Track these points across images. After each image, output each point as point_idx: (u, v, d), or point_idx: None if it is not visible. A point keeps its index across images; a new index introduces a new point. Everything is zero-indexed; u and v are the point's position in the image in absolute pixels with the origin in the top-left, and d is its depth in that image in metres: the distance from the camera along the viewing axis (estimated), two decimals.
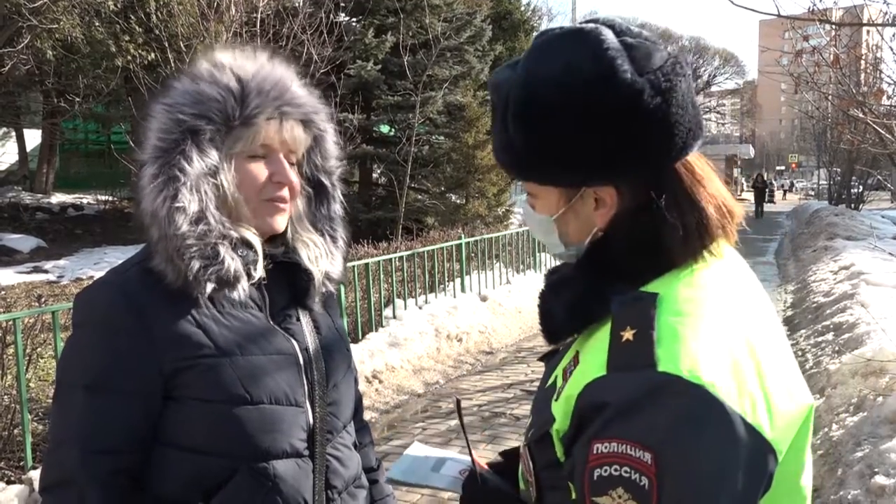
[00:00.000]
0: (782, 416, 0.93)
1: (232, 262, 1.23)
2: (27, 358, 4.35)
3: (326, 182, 1.43)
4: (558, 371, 1.07)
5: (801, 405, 0.97)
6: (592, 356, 0.97)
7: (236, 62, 1.30)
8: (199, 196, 1.22)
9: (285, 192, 1.31)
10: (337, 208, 1.45)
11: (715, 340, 0.93)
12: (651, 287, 0.99)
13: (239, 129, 1.26)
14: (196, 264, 1.20)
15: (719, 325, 0.95)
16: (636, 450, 0.87)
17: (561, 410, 0.98)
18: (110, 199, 17.69)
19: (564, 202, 1.07)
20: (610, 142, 0.98)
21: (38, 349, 4.89)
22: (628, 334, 0.94)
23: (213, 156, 1.25)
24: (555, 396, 1.01)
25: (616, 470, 0.87)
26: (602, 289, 1.02)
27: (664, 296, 0.97)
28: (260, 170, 1.29)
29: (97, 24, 12.95)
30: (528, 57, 1.03)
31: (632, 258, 1.02)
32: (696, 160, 1.06)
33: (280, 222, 1.32)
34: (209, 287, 1.21)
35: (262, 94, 1.27)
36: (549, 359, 1.21)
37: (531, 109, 1.00)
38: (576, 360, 1.02)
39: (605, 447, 0.89)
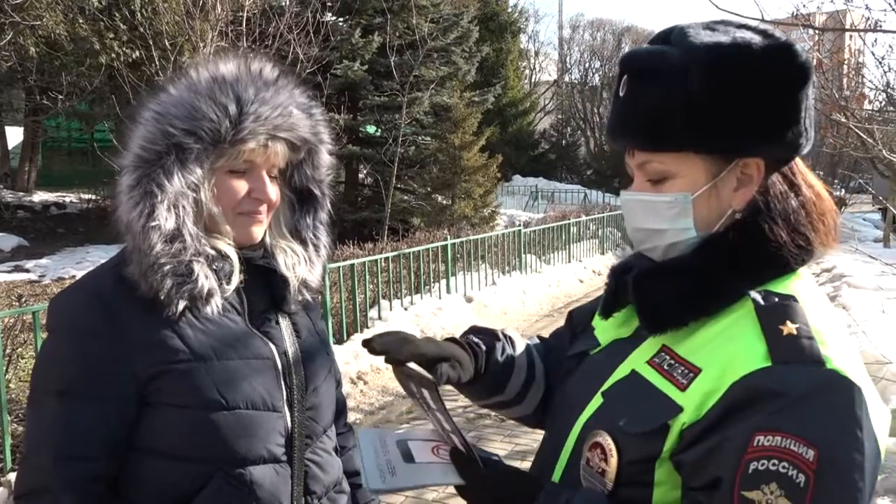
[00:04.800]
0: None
1: (206, 280, 1.21)
2: (7, 359, 4.31)
3: (316, 191, 1.40)
4: (637, 365, 1.05)
5: None
6: (738, 348, 0.95)
7: (240, 80, 1.25)
8: (176, 213, 1.19)
9: (262, 207, 1.29)
10: (323, 217, 1.43)
11: (849, 345, 0.97)
12: (772, 287, 1.01)
13: (226, 148, 1.23)
14: (168, 283, 1.18)
15: (844, 330, 1.00)
16: (800, 446, 0.86)
17: (695, 402, 0.94)
18: (93, 197, 17.53)
19: (710, 177, 1.03)
20: (781, 107, 1.01)
21: (19, 350, 4.84)
22: (790, 329, 0.94)
23: (196, 173, 1.22)
24: (677, 387, 0.97)
25: (774, 465, 0.86)
26: (729, 282, 1.01)
27: (797, 297, 0.99)
28: (240, 185, 1.26)
29: (81, 21, 12.82)
30: (697, 35, 1.04)
31: (769, 249, 1.01)
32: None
33: (256, 233, 1.30)
34: (181, 304, 1.19)
35: (258, 121, 1.23)
36: (580, 356, 1.20)
37: (724, 67, 1.00)
38: (671, 354, 1.01)
39: (769, 440, 0.87)
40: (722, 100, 0.99)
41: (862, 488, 0.86)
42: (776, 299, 0.98)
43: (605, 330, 1.19)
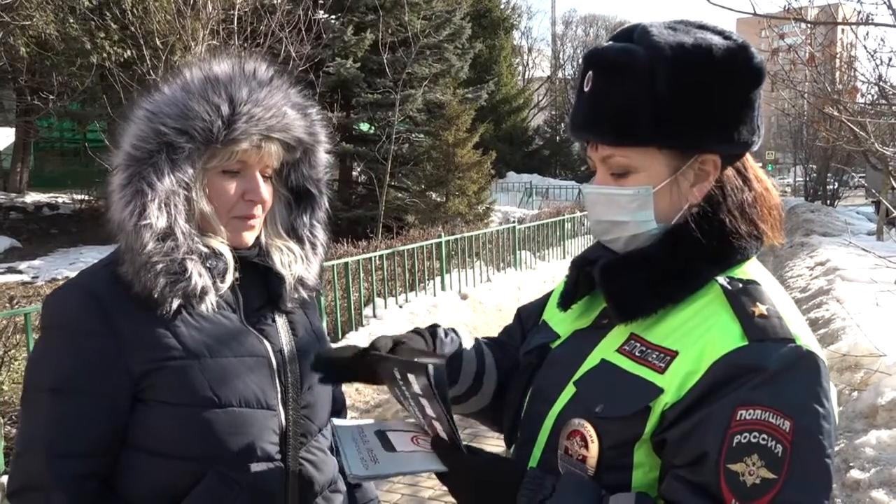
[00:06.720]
0: None
1: (199, 278, 1.20)
2: (0, 361, 4.28)
3: (313, 190, 1.39)
4: (606, 354, 1.09)
5: None
6: (714, 330, 1.00)
7: (234, 80, 1.24)
8: (167, 211, 1.19)
9: (256, 210, 1.28)
10: (321, 215, 1.42)
11: (804, 320, 1.05)
12: (732, 273, 1.07)
13: (218, 148, 1.22)
14: (161, 281, 1.17)
15: (796, 307, 1.08)
16: (778, 417, 0.92)
17: (676, 383, 0.99)
18: (86, 198, 17.43)
19: (671, 171, 1.08)
20: (739, 106, 1.07)
21: (12, 352, 4.81)
22: (760, 310, 1.00)
23: (188, 172, 1.21)
24: (655, 371, 1.01)
25: (755, 437, 0.92)
26: (695, 271, 1.07)
27: (758, 280, 1.06)
28: (233, 187, 1.26)
29: (71, 20, 12.74)
30: (661, 34, 1.07)
31: (730, 239, 1.07)
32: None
33: (248, 237, 1.30)
34: (175, 303, 1.19)
35: (251, 121, 1.22)
36: (541, 349, 1.22)
37: (688, 68, 1.04)
38: (642, 341, 1.06)
39: (749, 414, 0.93)
40: (686, 98, 1.05)
41: (830, 454, 0.94)
42: (740, 284, 1.05)
43: (563, 322, 1.23)
